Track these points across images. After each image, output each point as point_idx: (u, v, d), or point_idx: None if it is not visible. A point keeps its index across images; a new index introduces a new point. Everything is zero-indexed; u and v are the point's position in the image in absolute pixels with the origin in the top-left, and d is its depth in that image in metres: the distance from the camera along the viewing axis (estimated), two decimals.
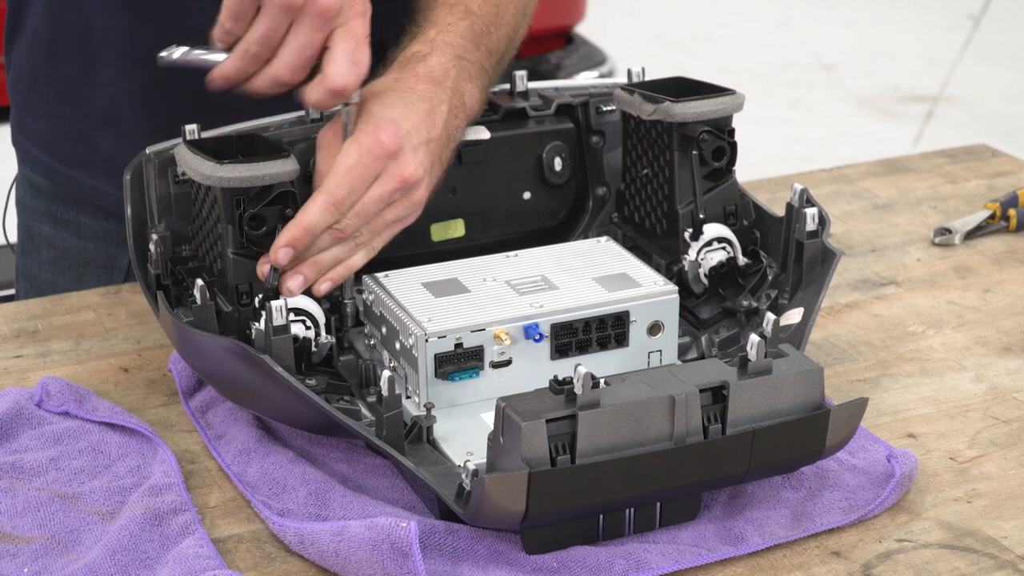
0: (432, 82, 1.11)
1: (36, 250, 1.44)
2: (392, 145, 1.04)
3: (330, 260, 1.07)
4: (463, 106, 1.13)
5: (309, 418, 1.02)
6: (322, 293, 1.07)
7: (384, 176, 1.05)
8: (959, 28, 5.22)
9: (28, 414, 1.09)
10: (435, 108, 1.09)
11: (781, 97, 4.83)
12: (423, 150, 1.07)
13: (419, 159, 1.06)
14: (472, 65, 1.15)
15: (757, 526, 0.97)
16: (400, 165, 1.05)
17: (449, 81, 1.11)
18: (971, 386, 1.17)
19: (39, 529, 0.98)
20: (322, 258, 1.07)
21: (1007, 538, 0.98)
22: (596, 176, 1.27)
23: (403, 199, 1.07)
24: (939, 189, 1.58)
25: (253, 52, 1.02)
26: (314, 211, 1.04)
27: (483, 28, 1.19)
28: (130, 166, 1.14)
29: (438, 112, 1.09)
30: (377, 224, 1.07)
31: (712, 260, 1.17)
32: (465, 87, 1.13)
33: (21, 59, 1.40)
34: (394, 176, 1.05)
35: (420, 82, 1.10)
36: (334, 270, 1.07)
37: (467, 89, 1.13)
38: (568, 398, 0.89)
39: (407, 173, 1.05)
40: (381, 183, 1.05)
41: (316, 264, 1.07)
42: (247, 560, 0.96)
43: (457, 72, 1.13)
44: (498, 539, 0.95)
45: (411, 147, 1.06)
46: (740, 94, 1.17)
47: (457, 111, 1.12)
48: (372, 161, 1.04)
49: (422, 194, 1.08)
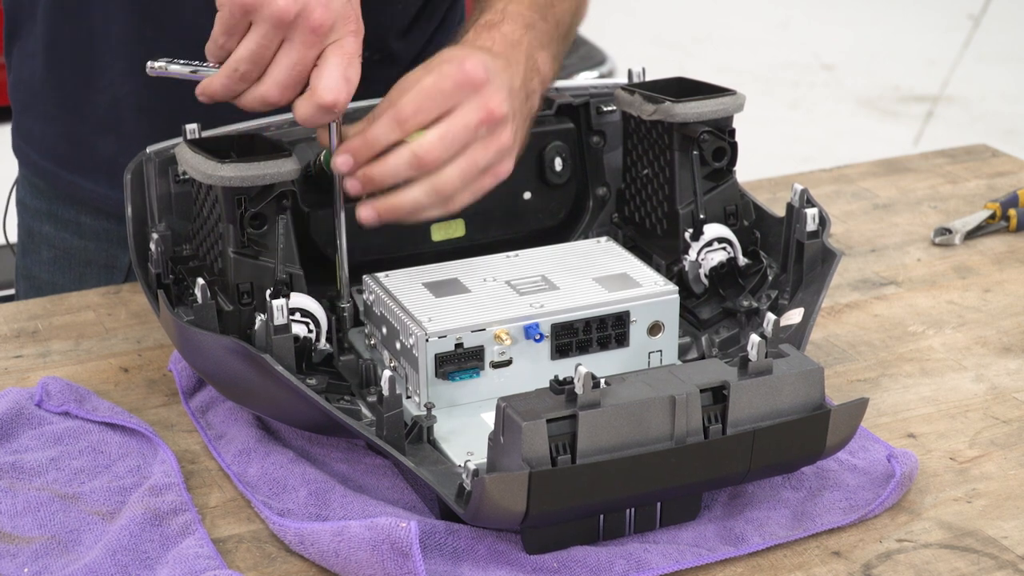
0: (508, 45, 1.09)
1: (36, 250, 1.44)
2: (477, 75, 1.00)
3: (411, 205, 1.02)
4: (537, 71, 1.11)
5: (309, 418, 1.02)
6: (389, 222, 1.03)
7: (467, 105, 1.00)
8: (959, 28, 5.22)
9: (28, 414, 1.09)
10: (512, 65, 1.07)
11: (781, 97, 4.83)
12: (507, 93, 1.02)
13: (505, 96, 1.01)
14: (542, 34, 1.14)
15: (757, 526, 0.97)
16: (486, 96, 1.00)
17: (523, 47, 1.10)
18: (971, 386, 1.17)
19: (39, 529, 0.98)
20: (403, 201, 1.01)
21: (1007, 538, 0.98)
22: (596, 176, 1.27)
23: (491, 138, 1.02)
24: (939, 189, 1.58)
25: (242, 71, 1.00)
26: (377, 123, 1.00)
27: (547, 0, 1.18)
28: (130, 166, 1.14)
29: (516, 70, 1.07)
30: (467, 167, 1.01)
31: (712, 260, 1.17)
32: (538, 54, 1.12)
33: (21, 62, 1.39)
34: (480, 106, 1.00)
35: (496, 44, 1.09)
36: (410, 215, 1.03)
37: (540, 56, 1.12)
38: (568, 398, 0.89)
39: (494, 104, 1.00)
40: (463, 111, 1.00)
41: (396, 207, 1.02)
42: (247, 560, 0.96)
43: (529, 39, 1.11)
44: (498, 539, 0.95)
45: (498, 83, 1.01)
46: (740, 94, 1.17)
47: (532, 74, 1.10)
48: (452, 87, 1.00)
49: (509, 138, 1.02)
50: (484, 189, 1.05)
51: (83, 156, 1.37)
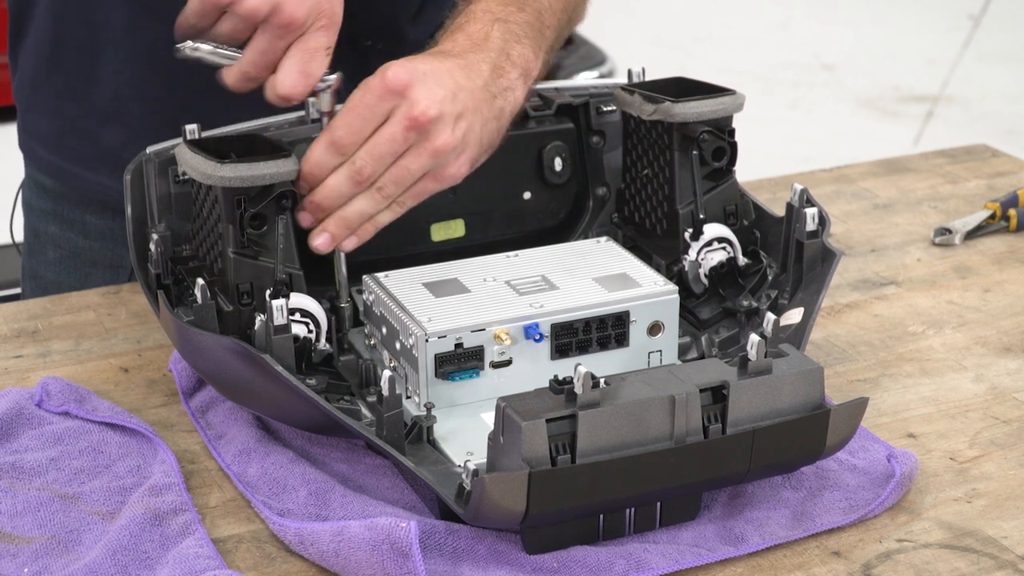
0: (471, 45, 1.09)
1: (42, 250, 1.44)
2: (396, 81, 1.02)
3: (356, 215, 1.05)
4: (512, 65, 1.10)
5: (309, 418, 1.02)
6: (347, 249, 1.07)
7: (394, 114, 1.02)
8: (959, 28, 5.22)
9: (28, 414, 1.09)
10: (472, 64, 1.07)
11: (781, 97, 4.83)
12: (444, 94, 1.03)
13: (434, 98, 1.02)
14: (519, 26, 1.13)
15: (757, 526, 0.97)
16: (410, 102, 1.02)
17: (491, 42, 1.09)
18: (971, 386, 1.17)
19: (39, 529, 0.98)
20: (347, 212, 1.05)
21: (1007, 538, 0.98)
22: (596, 176, 1.27)
23: (423, 144, 1.03)
24: (939, 189, 1.58)
25: None
26: (315, 150, 1.04)
27: None
28: (130, 166, 1.14)
29: (475, 68, 1.07)
30: (399, 174, 1.04)
31: (712, 260, 1.17)
32: (512, 47, 1.11)
33: (26, 60, 1.40)
34: (404, 114, 1.02)
35: (457, 46, 1.09)
36: (362, 227, 1.06)
37: (515, 49, 1.11)
38: (568, 398, 0.89)
39: (417, 111, 1.01)
40: (391, 121, 1.02)
41: (342, 220, 1.05)
42: (247, 560, 0.96)
43: (500, 33, 1.10)
44: (498, 539, 0.95)
45: (424, 86, 1.02)
46: (740, 94, 1.17)
47: (502, 71, 1.09)
48: (376, 99, 1.02)
49: (448, 140, 1.03)
50: (427, 192, 1.07)
51: (88, 148, 1.37)
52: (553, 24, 1.18)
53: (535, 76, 1.14)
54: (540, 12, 1.17)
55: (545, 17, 1.17)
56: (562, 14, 1.21)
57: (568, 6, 1.22)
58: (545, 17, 1.17)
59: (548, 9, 1.18)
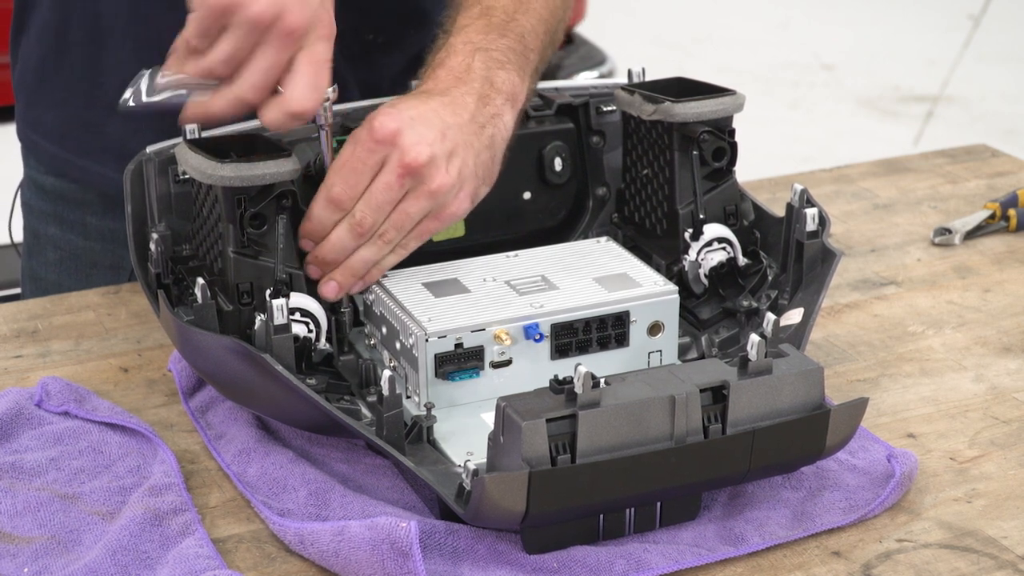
0: (454, 80, 1.09)
1: (42, 252, 1.44)
2: (385, 130, 1.02)
3: (361, 264, 1.07)
4: (497, 92, 1.10)
5: (309, 418, 1.02)
6: (355, 291, 1.09)
7: (387, 163, 1.03)
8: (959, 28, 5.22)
9: (28, 414, 1.09)
10: (457, 99, 1.07)
11: (781, 97, 4.83)
12: (433, 135, 1.03)
13: (424, 141, 1.03)
14: (500, 52, 1.13)
15: (757, 526, 0.97)
16: (401, 150, 1.03)
17: (473, 73, 1.10)
18: (971, 386, 1.17)
19: (39, 529, 0.98)
20: (353, 262, 1.07)
21: (1007, 538, 0.98)
22: (596, 176, 1.27)
23: (420, 188, 1.04)
24: (939, 189, 1.58)
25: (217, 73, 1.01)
26: (315, 208, 1.05)
27: (504, 17, 1.16)
28: (130, 166, 1.14)
29: (461, 103, 1.07)
30: (400, 220, 1.05)
31: (712, 260, 1.17)
32: (496, 75, 1.11)
33: (29, 52, 1.40)
34: (396, 163, 1.03)
35: (440, 83, 1.09)
36: (368, 273, 1.08)
37: (499, 76, 1.11)
38: (568, 398, 0.89)
39: (408, 158, 1.02)
40: (385, 171, 1.03)
41: (348, 269, 1.07)
42: (247, 560, 0.96)
43: (482, 63, 1.11)
44: (498, 539, 0.95)
45: (414, 131, 1.03)
46: (740, 94, 1.17)
47: (488, 99, 1.09)
48: (367, 152, 1.03)
49: (440, 180, 1.04)
50: (430, 232, 1.08)
51: (92, 140, 1.37)
52: (536, 47, 1.19)
53: (523, 100, 1.14)
54: (522, 36, 1.17)
55: (528, 40, 1.17)
56: (544, 36, 1.21)
57: (550, 28, 1.22)
58: (528, 40, 1.17)
59: (531, 32, 1.18)
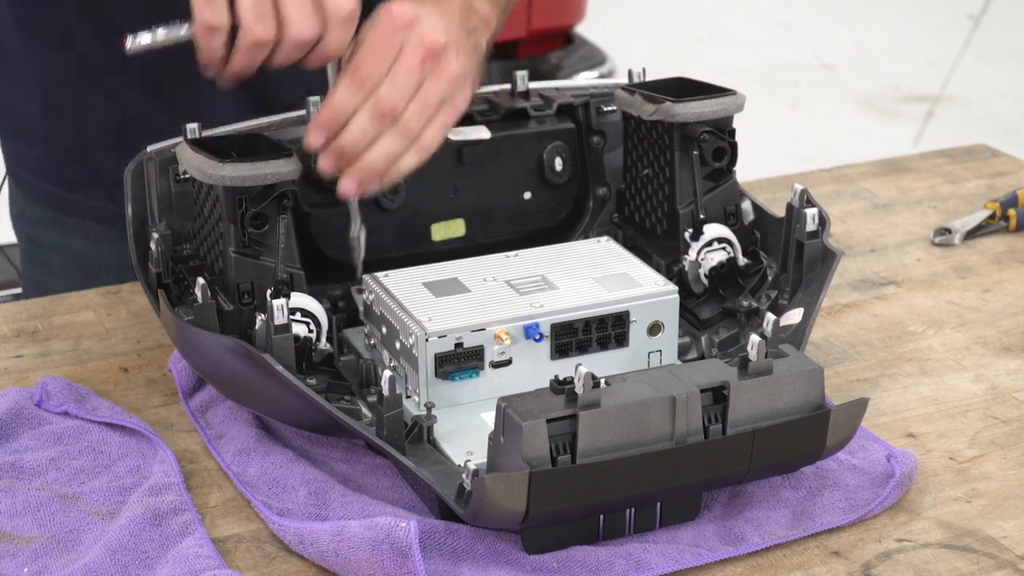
0: None
1: (45, 259, 1.43)
2: (403, 16, 1.03)
3: (382, 158, 1.04)
4: (475, 11, 1.11)
5: (309, 418, 1.02)
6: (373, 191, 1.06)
7: (407, 46, 1.03)
8: (959, 28, 5.22)
9: (28, 414, 1.09)
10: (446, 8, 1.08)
11: (781, 97, 4.83)
12: (442, 22, 1.05)
13: (439, 27, 1.04)
14: None
15: (757, 526, 0.98)
16: (420, 32, 1.03)
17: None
18: (971, 386, 1.17)
19: (39, 529, 0.98)
20: (373, 156, 1.04)
21: (1007, 538, 0.98)
22: (597, 176, 1.27)
23: (439, 72, 1.04)
24: (939, 189, 1.58)
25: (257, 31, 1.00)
26: (338, 91, 1.03)
27: None
28: (131, 165, 1.14)
29: (449, 10, 1.08)
30: (421, 105, 1.04)
31: (712, 260, 1.17)
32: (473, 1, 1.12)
33: (6, 89, 1.38)
34: (418, 43, 1.03)
35: None
36: (388, 172, 1.05)
37: (476, 2, 1.12)
38: (569, 398, 0.89)
39: (429, 40, 1.03)
40: (405, 53, 1.03)
41: (368, 164, 1.04)
42: (247, 560, 0.96)
43: None
44: (498, 539, 0.95)
45: (429, 18, 1.04)
46: (741, 94, 1.17)
47: (468, 15, 1.10)
48: (389, 34, 1.03)
49: (456, 67, 1.05)
50: (449, 123, 1.07)
51: (81, 173, 1.36)
52: None
53: (492, 29, 1.14)
54: None
55: None
56: None
57: None
58: None
59: None
